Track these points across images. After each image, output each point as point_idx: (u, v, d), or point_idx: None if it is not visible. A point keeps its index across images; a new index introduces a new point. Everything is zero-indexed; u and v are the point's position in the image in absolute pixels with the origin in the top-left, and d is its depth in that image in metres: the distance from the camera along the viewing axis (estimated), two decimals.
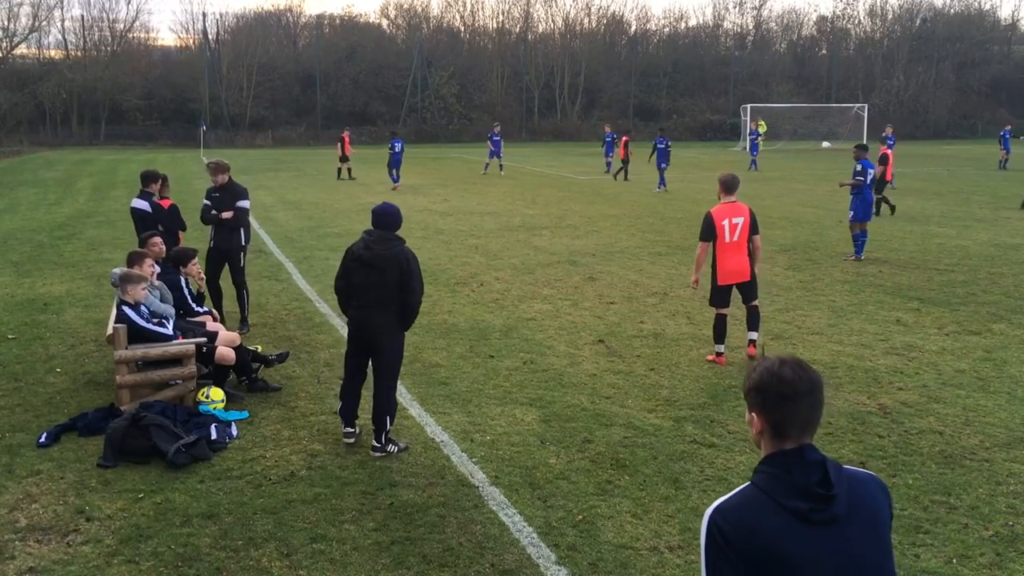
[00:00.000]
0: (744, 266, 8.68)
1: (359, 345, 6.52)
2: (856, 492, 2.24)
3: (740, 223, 8.53)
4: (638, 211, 21.57)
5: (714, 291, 8.82)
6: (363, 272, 6.33)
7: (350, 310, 6.53)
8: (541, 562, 4.96)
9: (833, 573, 2.16)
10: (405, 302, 6.32)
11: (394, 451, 6.45)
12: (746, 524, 2.17)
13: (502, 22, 74.62)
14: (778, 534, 2.15)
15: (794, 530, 2.15)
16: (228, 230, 9.89)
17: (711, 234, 8.56)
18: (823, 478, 2.19)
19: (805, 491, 2.17)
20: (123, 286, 7.52)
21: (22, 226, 19.18)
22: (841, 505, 2.18)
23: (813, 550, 2.14)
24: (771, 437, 2.28)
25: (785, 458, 2.24)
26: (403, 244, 6.36)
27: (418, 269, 6.36)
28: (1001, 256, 14.81)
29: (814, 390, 2.27)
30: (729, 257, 8.60)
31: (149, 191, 10.29)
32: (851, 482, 2.25)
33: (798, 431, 2.25)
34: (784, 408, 2.25)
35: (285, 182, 30.31)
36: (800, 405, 2.25)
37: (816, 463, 2.22)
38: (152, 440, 6.38)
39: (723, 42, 78.35)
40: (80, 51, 64.22)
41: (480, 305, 11.29)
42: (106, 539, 5.23)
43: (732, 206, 8.57)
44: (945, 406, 7.45)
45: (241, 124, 61.48)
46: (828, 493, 2.16)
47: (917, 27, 74.38)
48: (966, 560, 4.97)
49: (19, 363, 8.79)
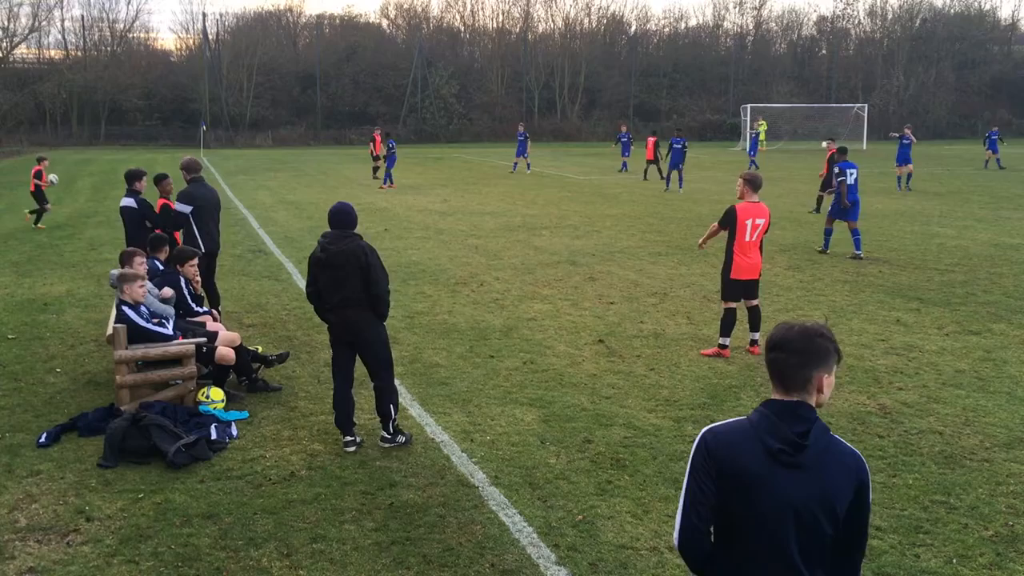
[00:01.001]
0: (757, 264, 8.94)
1: (342, 346, 6.57)
2: (828, 456, 2.61)
3: (761, 224, 8.75)
4: (638, 211, 21.57)
5: (727, 285, 8.95)
6: (326, 274, 6.38)
7: (326, 314, 6.55)
8: (541, 562, 4.96)
9: (780, 506, 2.60)
10: (372, 295, 6.35)
11: (402, 441, 6.57)
12: (729, 446, 2.67)
13: (502, 22, 74.70)
14: (750, 461, 2.62)
15: (763, 462, 2.60)
16: (185, 235, 9.91)
17: (730, 225, 8.73)
18: (804, 432, 2.59)
19: (784, 435, 2.59)
20: (122, 286, 7.52)
21: (22, 226, 19.18)
22: (808, 457, 2.58)
23: (771, 482, 2.59)
24: (779, 386, 2.70)
25: (781, 406, 2.66)
26: (358, 239, 6.37)
27: (378, 260, 6.37)
28: (1001, 256, 14.81)
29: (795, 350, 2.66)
30: (746, 255, 8.80)
31: (135, 189, 10.33)
32: (831, 447, 2.63)
33: (799, 386, 2.65)
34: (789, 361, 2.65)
35: (285, 182, 30.29)
36: (777, 357, 2.68)
37: (804, 419, 2.62)
38: (152, 440, 6.38)
39: (723, 42, 78.33)
40: (80, 51, 64.28)
41: (480, 305, 11.29)
42: (106, 539, 5.23)
43: (756, 206, 8.73)
44: (945, 406, 7.45)
45: (241, 124, 61.50)
46: (801, 443, 2.57)
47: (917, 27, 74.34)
48: (966, 560, 4.97)
49: (19, 363, 8.79)
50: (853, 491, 2.63)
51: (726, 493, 2.66)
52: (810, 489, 2.59)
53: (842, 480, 2.62)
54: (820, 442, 2.61)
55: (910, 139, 26.40)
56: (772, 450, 2.60)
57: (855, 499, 2.64)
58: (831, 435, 2.67)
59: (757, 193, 8.78)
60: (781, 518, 2.61)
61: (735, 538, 2.70)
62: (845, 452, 2.66)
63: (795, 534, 2.62)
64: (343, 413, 6.59)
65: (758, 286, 9.08)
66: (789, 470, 2.59)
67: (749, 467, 2.62)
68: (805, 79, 72.74)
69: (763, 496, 2.61)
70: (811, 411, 2.65)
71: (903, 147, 26.47)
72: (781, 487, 2.60)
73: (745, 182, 8.79)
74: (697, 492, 2.69)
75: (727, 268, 8.89)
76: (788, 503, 2.60)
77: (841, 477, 2.62)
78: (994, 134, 35.68)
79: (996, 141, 35.21)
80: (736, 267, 8.82)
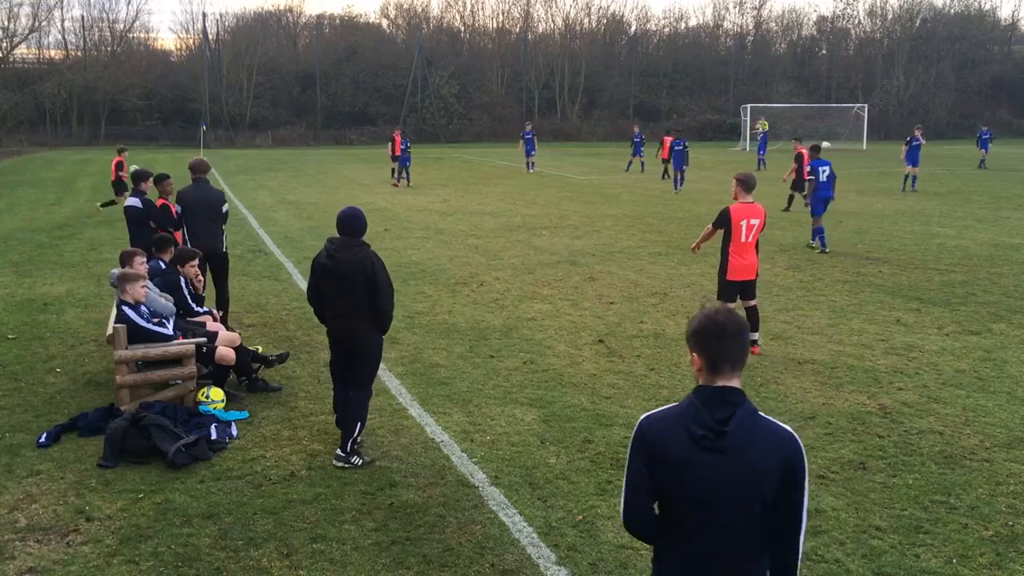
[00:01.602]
0: (753, 264, 8.93)
1: (340, 352, 6.45)
2: (753, 438, 2.71)
3: (756, 224, 8.75)
4: (638, 211, 21.57)
5: (723, 286, 8.96)
6: (331, 281, 6.20)
7: (328, 320, 6.42)
8: (541, 562, 4.96)
9: (706, 490, 2.73)
10: (375, 308, 6.17)
11: (358, 463, 6.21)
12: (660, 432, 2.81)
13: (502, 22, 74.70)
14: (676, 447, 2.76)
15: (688, 447, 2.74)
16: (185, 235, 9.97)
17: (725, 227, 8.74)
18: (727, 417, 2.71)
19: (705, 422, 2.72)
20: (122, 285, 7.52)
21: (22, 226, 19.19)
22: (730, 441, 2.69)
23: (696, 467, 2.73)
24: (707, 373, 2.79)
25: (708, 392, 2.78)
26: (367, 249, 6.18)
27: (385, 274, 6.18)
28: (1001, 256, 14.81)
29: (741, 332, 2.79)
30: (742, 255, 8.79)
31: (141, 190, 10.31)
32: (757, 429, 2.73)
33: (729, 368, 2.77)
34: (718, 346, 2.76)
35: (285, 182, 30.29)
36: (731, 344, 2.77)
37: (729, 404, 2.73)
38: (152, 440, 6.38)
39: (723, 42, 78.32)
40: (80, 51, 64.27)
41: (480, 305, 11.29)
42: (106, 539, 5.23)
43: (750, 206, 8.74)
44: (945, 406, 7.45)
45: (241, 124, 61.49)
46: (721, 429, 2.69)
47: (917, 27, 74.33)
48: (966, 560, 4.97)
49: (19, 363, 8.80)
50: (780, 472, 2.72)
51: (658, 477, 2.81)
52: (733, 472, 2.70)
53: (767, 462, 2.71)
54: (744, 426, 2.71)
55: (919, 140, 26.37)
56: (695, 436, 2.72)
57: (783, 480, 2.72)
58: (760, 417, 2.76)
59: (751, 193, 8.78)
60: (709, 501, 2.74)
61: (673, 519, 2.85)
62: (773, 433, 2.75)
63: (726, 517, 2.74)
64: (342, 416, 6.52)
65: (755, 286, 9.08)
66: (712, 455, 2.71)
67: (675, 453, 2.76)
68: (805, 79, 72.73)
69: (689, 480, 2.74)
70: (738, 395, 2.76)
71: (912, 148, 26.39)
72: (705, 472, 2.72)
73: (738, 182, 8.77)
74: (634, 476, 2.86)
75: (723, 269, 8.89)
76: (713, 487, 2.72)
77: (766, 459, 2.71)
78: (986, 134, 35.81)
79: (988, 141, 35.36)
80: (732, 268, 8.81)
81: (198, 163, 10.06)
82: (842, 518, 5.45)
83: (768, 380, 8.17)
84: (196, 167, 10.01)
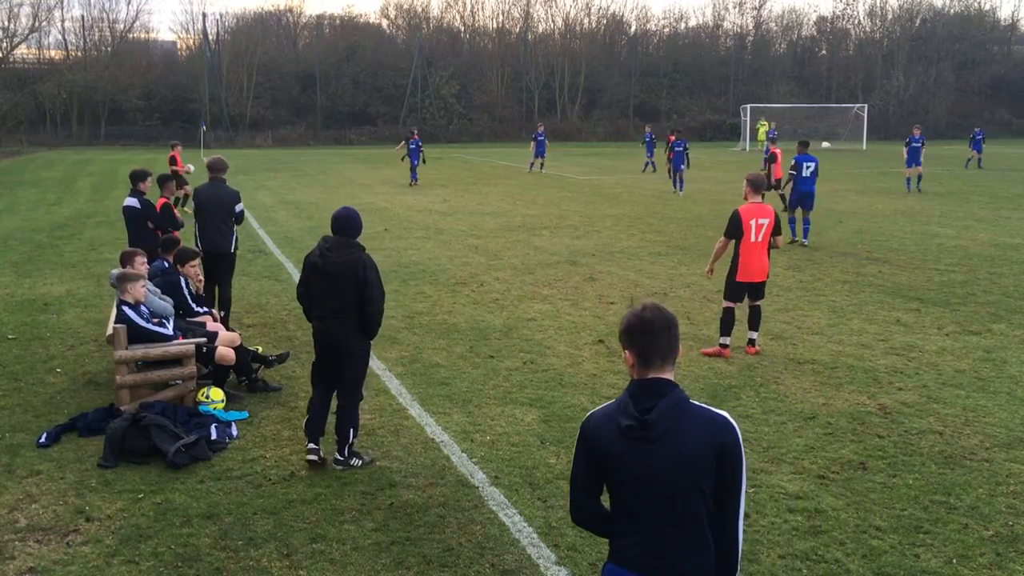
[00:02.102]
0: (764, 266, 8.91)
1: (325, 353, 6.26)
2: (679, 426, 2.78)
3: (766, 224, 8.73)
4: (638, 211, 21.57)
5: (731, 286, 8.95)
6: (320, 281, 6.07)
7: (313, 319, 6.28)
8: (541, 562, 4.96)
9: (638, 480, 2.82)
10: (364, 312, 6.02)
11: (358, 465, 6.17)
12: (597, 428, 2.92)
13: (502, 22, 74.66)
14: (611, 440, 2.85)
15: (619, 440, 2.83)
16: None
17: (737, 232, 8.72)
18: (650, 408, 2.79)
19: (631, 413, 2.81)
20: (122, 285, 7.52)
21: (22, 226, 19.18)
22: (655, 431, 2.77)
23: (629, 458, 2.82)
24: (638, 368, 2.88)
25: (637, 386, 2.87)
26: (360, 251, 6.07)
27: (377, 278, 6.04)
28: (1001, 256, 14.81)
29: (670, 327, 2.88)
30: (752, 256, 8.77)
31: (140, 189, 10.28)
32: (684, 417, 2.79)
33: (659, 361, 2.86)
34: (646, 342, 2.85)
35: (285, 182, 30.30)
36: (659, 339, 2.85)
37: (656, 394, 2.81)
38: (152, 440, 6.38)
39: (723, 42, 78.31)
40: (80, 51, 64.24)
41: (480, 305, 11.29)
42: (106, 539, 5.23)
43: (759, 206, 8.75)
44: (945, 406, 7.45)
45: (241, 124, 61.48)
46: (643, 419, 2.78)
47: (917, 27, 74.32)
48: (966, 560, 4.97)
49: (19, 363, 8.79)
50: (711, 457, 2.77)
51: (598, 470, 2.93)
52: (662, 460, 2.78)
53: (696, 447, 2.77)
54: (669, 413, 2.79)
55: (919, 140, 26.09)
56: (622, 428, 2.82)
57: (717, 465, 2.78)
58: (689, 404, 2.83)
59: (760, 194, 8.82)
60: (643, 490, 2.83)
61: (617, 508, 2.95)
62: (704, 419, 2.81)
63: (661, 504, 2.82)
64: (315, 419, 6.26)
65: (764, 288, 9.07)
66: (640, 444, 2.79)
67: (609, 446, 2.86)
68: (805, 79, 72.72)
69: (623, 471, 2.85)
70: (667, 385, 2.84)
71: (912, 148, 26.04)
72: (635, 462, 2.81)
73: (748, 183, 8.83)
74: (575, 472, 3.00)
75: (733, 269, 8.88)
76: (644, 476, 2.81)
77: (694, 444, 2.77)
78: (979, 134, 35.73)
79: (981, 141, 35.28)
80: (743, 268, 8.80)
81: (214, 161, 10.02)
82: (842, 518, 5.45)
83: (768, 380, 8.17)
84: (212, 165, 9.97)
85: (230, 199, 9.78)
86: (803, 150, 16.51)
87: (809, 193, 16.11)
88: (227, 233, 9.78)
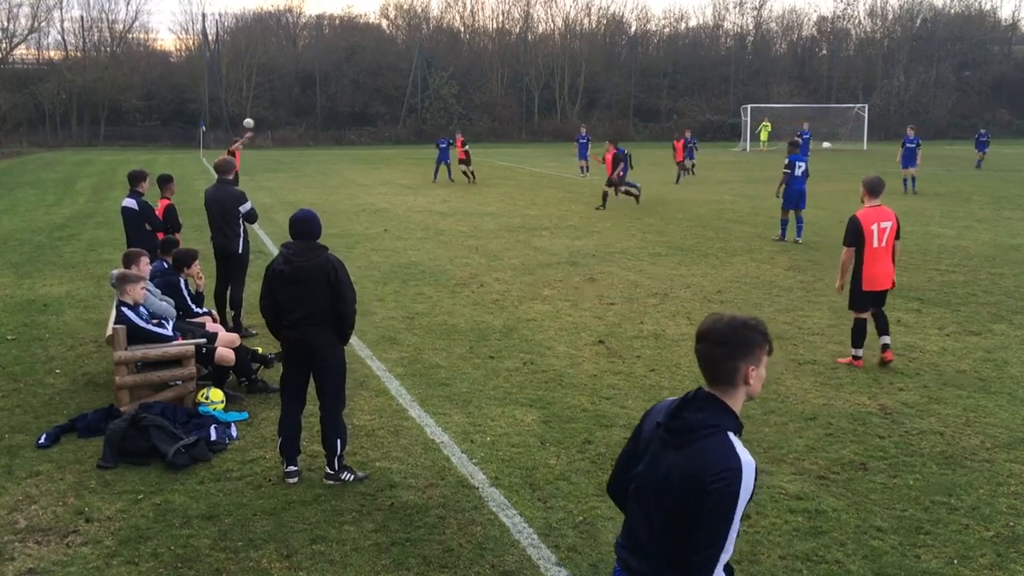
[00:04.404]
0: (889, 272, 8.49)
1: (297, 366, 6.01)
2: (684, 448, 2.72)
3: (888, 227, 8.34)
4: (638, 211, 21.56)
5: (857, 296, 8.53)
6: (288, 289, 5.84)
7: (282, 331, 5.99)
8: (541, 563, 4.96)
9: (647, 468, 2.84)
10: (338, 313, 5.83)
11: (349, 479, 5.97)
12: (652, 413, 2.95)
13: (502, 22, 74.68)
14: (651, 428, 2.89)
15: (654, 434, 2.85)
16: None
17: (858, 239, 8.32)
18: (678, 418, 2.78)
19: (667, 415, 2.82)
20: (121, 286, 7.52)
21: (22, 227, 19.18)
22: (671, 439, 2.77)
23: (648, 454, 2.85)
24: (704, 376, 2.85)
25: (694, 393, 2.83)
26: (326, 252, 5.87)
27: (347, 277, 5.86)
28: (1001, 256, 14.80)
29: (721, 343, 2.75)
30: (876, 263, 8.36)
31: (139, 190, 10.28)
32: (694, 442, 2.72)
33: (711, 375, 2.80)
34: (698, 350, 2.82)
35: (285, 183, 30.30)
36: (706, 350, 2.78)
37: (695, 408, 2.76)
38: (152, 441, 6.37)
39: (723, 42, 78.32)
40: (80, 52, 64.24)
41: (480, 306, 11.28)
42: (105, 540, 5.22)
43: (878, 210, 8.37)
44: (946, 407, 7.44)
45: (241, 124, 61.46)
46: (667, 423, 2.80)
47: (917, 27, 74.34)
48: (967, 561, 4.96)
49: (18, 364, 8.79)
50: (680, 489, 2.70)
51: (635, 448, 2.98)
52: (662, 466, 2.78)
53: (687, 471, 2.70)
54: (686, 433, 2.74)
55: (913, 140, 25.86)
56: (657, 422, 2.86)
57: (682, 499, 2.69)
58: (720, 434, 2.71)
59: (879, 197, 8.39)
60: (643, 492, 2.86)
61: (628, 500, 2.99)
62: (713, 452, 2.69)
63: (649, 513, 2.83)
64: (289, 439, 6.04)
65: (887, 295, 8.66)
66: (659, 444, 2.82)
67: (646, 434, 2.92)
68: (805, 79, 72.73)
69: (643, 461, 2.89)
70: (714, 403, 2.77)
71: (908, 150, 25.83)
72: (651, 457, 2.85)
73: (864, 185, 8.42)
74: (627, 444, 3.06)
75: (857, 278, 8.42)
76: (648, 472, 2.84)
77: (687, 467, 2.70)
78: (984, 135, 35.58)
79: (986, 143, 35.15)
80: (868, 277, 8.36)
81: (220, 163, 10.04)
82: (843, 519, 5.44)
83: (768, 380, 8.10)
84: (217, 167, 10.01)
85: (235, 200, 9.79)
86: (794, 150, 16.69)
87: (802, 192, 16.30)
88: (234, 234, 9.80)
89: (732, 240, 16.62)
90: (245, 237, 9.94)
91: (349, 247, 15.48)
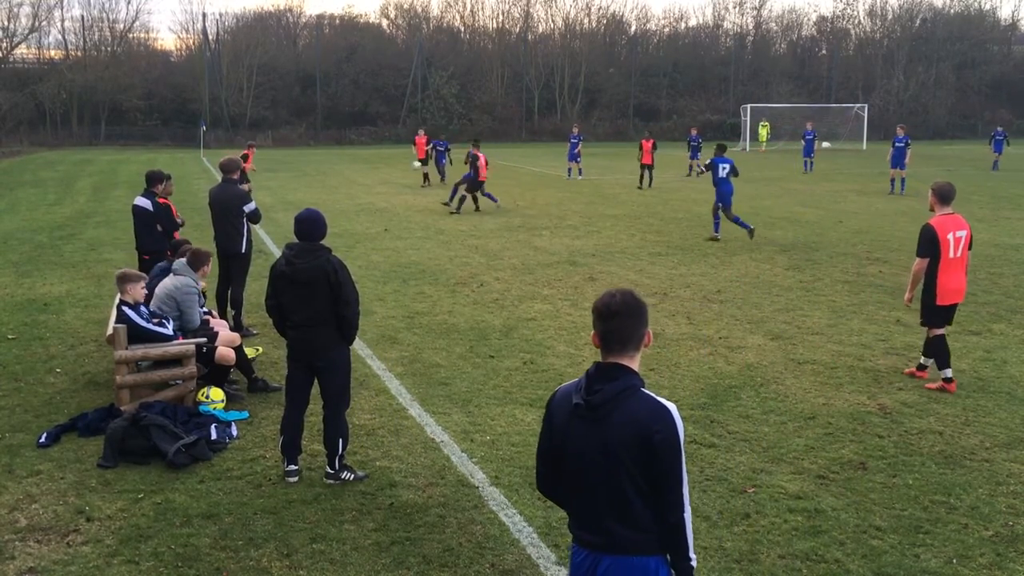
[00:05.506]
0: (962, 285, 7.95)
1: (301, 367, 6.01)
2: (617, 411, 2.91)
3: (963, 236, 7.79)
4: (638, 211, 21.57)
5: (932, 311, 7.91)
6: (290, 290, 5.84)
7: (289, 331, 6.01)
8: (541, 562, 4.97)
9: (578, 455, 3.00)
10: (341, 316, 5.82)
11: (349, 478, 5.98)
12: (557, 402, 3.10)
13: (502, 22, 74.64)
14: (564, 416, 3.05)
15: (569, 415, 3.02)
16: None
17: (933, 250, 7.72)
18: (599, 389, 2.93)
19: (582, 393, 2.97)
20: (122, 286, 7.52)
21: (22, 226, 19.17)
22: (598, 413, 2.93)
23: (573, 435, 3.01)
24: (601, 349, 3.02)
25: (596, 368, 3.00)
26: (328, 253, 5.85)
27: (349, 278, 5.84)
28: (1001, 256, 14.81)
29: (633, 314, 2.99)
30: (952, 275, 7.78)
31: (154, 191, 10.31)
32: (625, 403, 2.91)
33: (619, 346, 2.98)
34: (607, 325, 2.99)
35: (285, 182, 30.30)
36: (620, 324, 2.97)
37: (609, 378, 2.94)
38: (152, 440, 6.38)
39: (723, 42, 78.31)
40: (80, 51, 64.20)
41: (480, 305, 11.29)
42: (106, 539, 5.23)
43: (952, 218, 7.81)
44: (945, 406, 7.45)
45: (241, 124, 61.44)
46: (588, 399, 2.94)
47: (917, 27, 74.32)
48: (966, 560, 4.97)
49: (19, 363, 8.79)
50: (641, 445, 2.88)
51: (549, 441, 3.12)
52: (598, 442, 2.94)
53: (625, 434, 2.89)
54: (613, 398, 2.92)
55: (903, 140, 25.53)
56: (573, 405, 2.99)
57: (648, 453, 2.88)
58: (638, 392, 2.94)
59: (950, 204, 7.84)
60: (581, 468, 3.01)
61: (564, 484, 3.13)
62: (645, 408, 2.91)
63: (595, 484, 2.98)
64: (290, 439, 6.07)
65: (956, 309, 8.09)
66: (583, 424, 2.97)
67: (561, 421, 3.05)
68: (805, 79, 72.73)
69: (568, 445, 3.03)
70: (621, 370, 2.97)
71: (897, 149, 25.54)
72: (577, 440, 3.00)
73: (934, 193, 7.87)
74: (541, 442, 3.18)
75: (930, 292, 7.83)
76: (582, 454, 2.99)
77: (625, 431, 2.89)
78: (1000, 135, 35.26)
79: (1002, 142, 34.87)
80: (942, 291, 7.77)
81: (224, 162, 10.04)
82: (842, 518, 5.45)
83: (768, 380, 8.17)
84: (222, 166, 10.01)
85: (234, 200, 9.80)
86: (720, 153, 17.25)
87: (728, 192, 16.83)
88: (237, 234, 9.82)
89: (731, 240, 16.63)
90: (248, 237, 9.95)
91: (349, 247, 15.49)
